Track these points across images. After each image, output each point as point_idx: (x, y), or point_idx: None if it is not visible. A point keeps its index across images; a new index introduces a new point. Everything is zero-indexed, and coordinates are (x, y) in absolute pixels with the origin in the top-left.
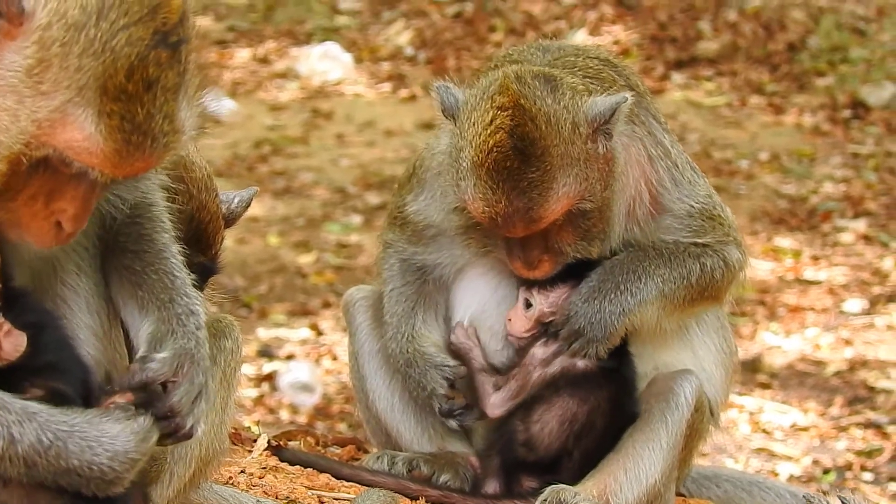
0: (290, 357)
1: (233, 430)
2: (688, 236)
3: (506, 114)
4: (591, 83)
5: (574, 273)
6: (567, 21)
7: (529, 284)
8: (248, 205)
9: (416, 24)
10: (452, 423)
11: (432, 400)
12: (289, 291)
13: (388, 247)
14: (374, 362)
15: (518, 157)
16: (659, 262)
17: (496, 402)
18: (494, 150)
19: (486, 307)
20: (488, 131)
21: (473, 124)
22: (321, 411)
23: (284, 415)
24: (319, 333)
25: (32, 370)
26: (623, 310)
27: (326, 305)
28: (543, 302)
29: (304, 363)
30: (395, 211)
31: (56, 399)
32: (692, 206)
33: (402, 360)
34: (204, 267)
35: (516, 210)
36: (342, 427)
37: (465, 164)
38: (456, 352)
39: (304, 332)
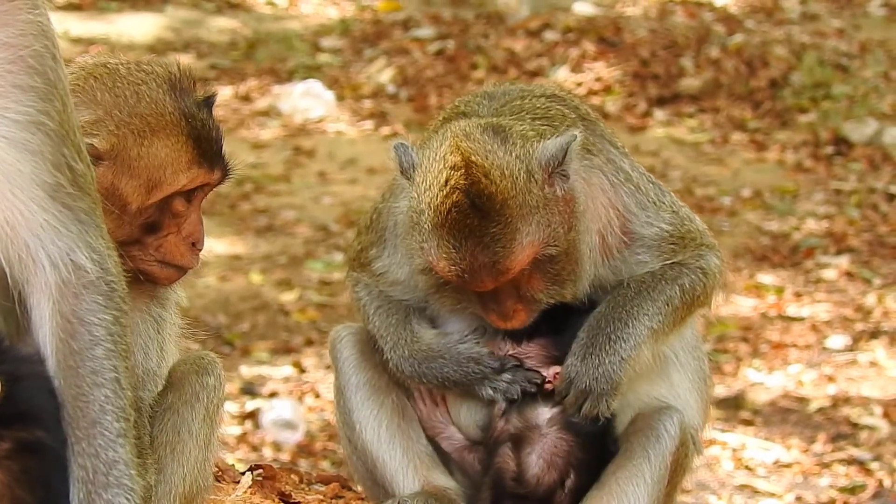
0: (272, 394)
1: (216, 468)
2: (663, 260)
3: (459, 173)
4: (541, 124)
5: (551, 322)
6: (549, 58)
7: (510, 337)
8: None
9: (398, 61)
10: (505, 384)
11: (479, 367)
12: (271, 329)
13: (356, 283)
14: (360, 394)
15: (477, 214)
16: (640, 299)
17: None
18: (453, 210)
19: None
20: (444, 192)
21: (430, 186)
22: (304, 449)
23: (268, 452)
24: (302, 371)
25: (4, 420)
26: (622, 357)
27: (309, 343)
28: (514, 348)
29: (287, 401)
30: (358, 255)
31: (27, 450)
32: (662, 229)
33: (417, 360)
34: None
35: (482, 265)
36: (325, 464)
37: (425, 227)
38: (427, 431)
39: (287, 370)
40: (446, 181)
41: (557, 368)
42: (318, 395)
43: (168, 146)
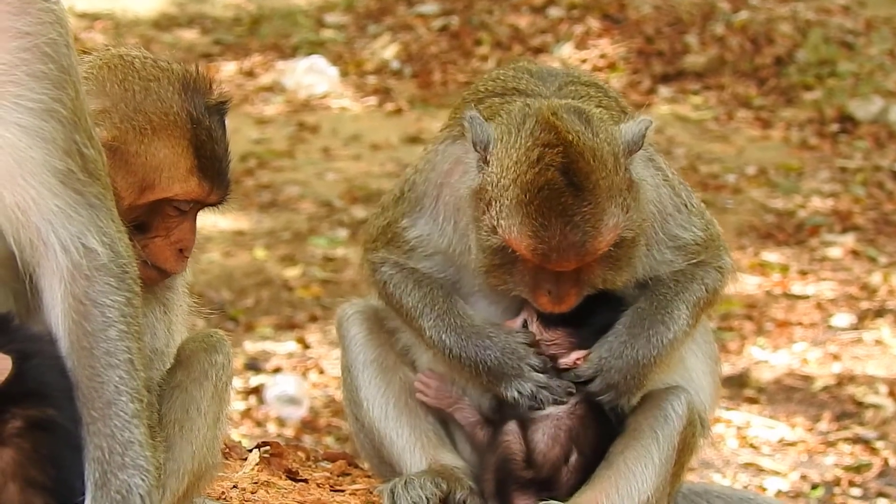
0: (276, 370)
1: (223, 445)
2: (687, 261)
3: (554, 151)
4: (603, 111)
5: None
6: (553, 34)
7: (539, 315)
8: None
9: (402, 37)
10: (536, 387)
11: (519, 363)
12: (275, 305)
13: (382, 262)
14: (367, 372)
15: (571, 192)
16: (677, 301)
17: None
18: (545, 187)
19: None
20: (536, 169)
21: (516, 163)
22: (308, 425)
23: (272, 428)
24: (306, 347)
25: (14, 397)
26: (654, 360)
27: (313, 319)
28: (541, 333)
29: (291, 376)
30: (385, 231)
31: (39, 428)
32: (695, 234)
33: (462, 335)
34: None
35: (571, 245)
36: (329, 440)
37: (506, 203)
38: (441, 404)
39: (291, 346)
40: (538, 158)
41: (578, 354)
42: (322, 371)
43: (168, 148)
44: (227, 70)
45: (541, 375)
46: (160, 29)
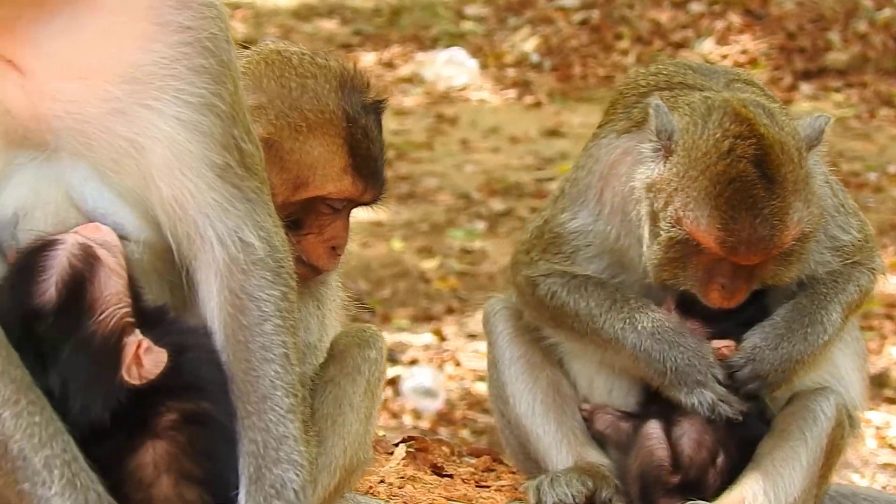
0: (413, 362)
1: None
2: (842, 262)
3: (747, 143)
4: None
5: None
6: (694, 30)
7: (683, 306)
8: None
9: (542, 30)
10: (716, 398)
11: (704, 372)
12: (412, 296)
13: (547, 275)
14: (514, 368)
15: (763, 185)
16: (832, 300)
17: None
18: (737, 179)
19: None
20: (727, 161)
21: (705, 154)
22: (444, 417)
23: (408, 420)
24: (442, 339)
25: (170, 390)
26: (807, 358)
27: (450, 311)
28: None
29: (428, 368)
30: (542, 230)
31: (194, 421)
32: (853, 236)
33: (655, 335)
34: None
35: (759, 238)
36: (465, 433)
37: (694, 194)
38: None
39: (428, 338)
40: (730, 149)
41: (720, 343)
42: (458, 364)
43: (322, 146)
44: (366, 61)
45: (722, 389)
46: (300, 19)
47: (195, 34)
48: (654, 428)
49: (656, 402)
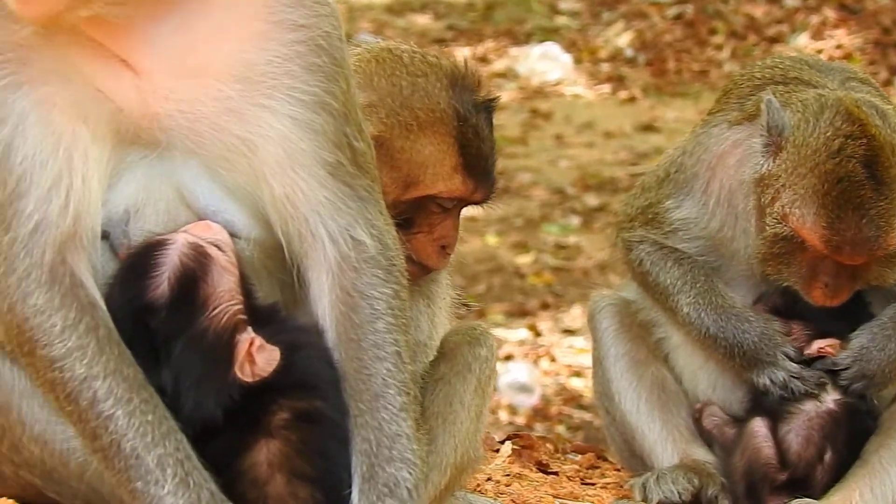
0: (508, 357)
1: None
2: None
3: (857, 143)
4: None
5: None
6: (789, 24)
7: (785, 303)
8: None
9: (636, 25)
10: (789, 376)
11: (775, 350)
12: (507, 292)
13: (640, 241)
14: (619, 365)
15: (871, 186)
16: None
17: None
18: (846, 179)
19: None
20: (837, 160)
21: (815, 153)
22: (540, 412)
23: (503, 415)
24: (538, 334)
25: (282, 388)
26: None
27: (545, 307)
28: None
29: (523, 364)
30: (645, 210)
31: (306, 420)
32: None
33: (722, 315)
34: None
35: (865, 238)
36: (561, 429)
37: (801, 191)
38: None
39: (523, 333)
40: (840, 149)
41: (821, 343)
42: (553, 359)
43: (433, 145)
44: (460, 56)
45: (794, 365)
46: (393, 14)
47: (309, 32)
48: (759, 425)
49: (762, 399)
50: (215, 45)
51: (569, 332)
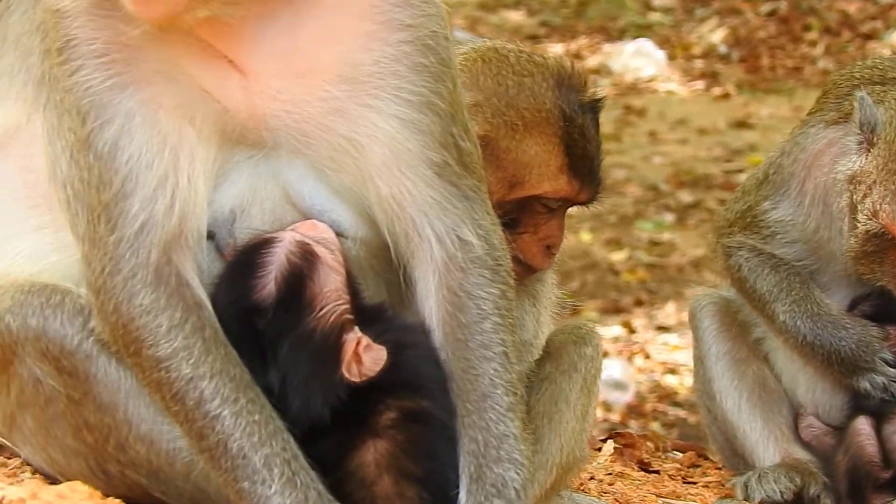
0: (602, 354)
1: None
2: None
3: None
4: None
5: None
6: (883, 21)
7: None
8: None
9: (730, 21)
10: (888, 380)
11: (873, 356)
12: (601, 288)
13: (739, 247)
14: (720, 364)
15: None
16: None
17: None
18: None
19: None
20: None
21: None
22: (634, 409)
23: (598, 412)
24: (632, 331)
25: (389, 388)
26: None
27: (638, 303)
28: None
29: (617, 361)
30: (744, 214)
31: (413, 419)
32: None
33: (819, 322)
34: None
35: None
36: (655, 426)
37: (892, 187)
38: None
39: (617, 330)
40: None
41: None
42: (647, 356)
43: (539, 146)
44: (553, 52)
45: (894, 370)
46: (486, 10)
47: (416, 32)
48: (863, 424)
49: (864, 401)
50: (322, 45)
51: (663, 328)
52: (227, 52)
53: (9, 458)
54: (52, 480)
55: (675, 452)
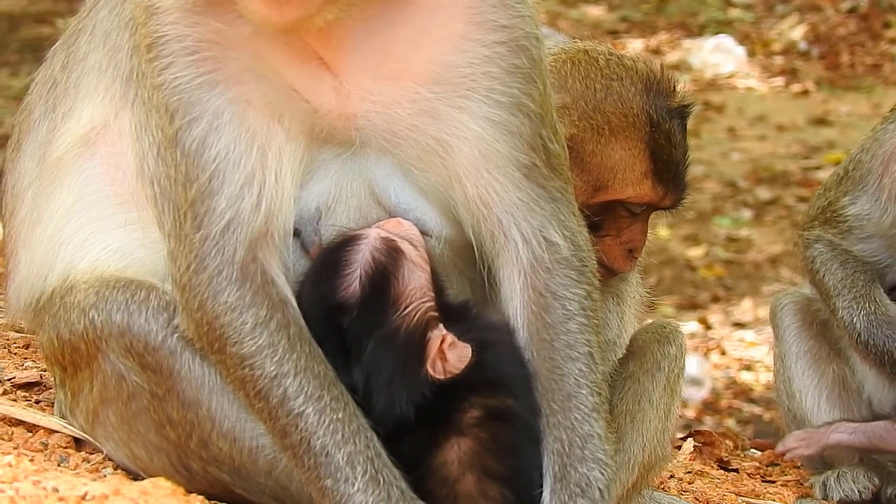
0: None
1: None
2: None
3: None
4: None
5: None
6: None
7: None
8: None
9: (810, 18)
10: None
11: None
12: (678, 284)
13: (817, 240)
14: (801, 363)
15: None
16: None
17: None
18: None
19: None
20: None
21: None
22: (709, 406)
23: None
24: (708, 327)
25: (473, 386)
26: None
27: (715, 299)
28: None
29: (693, 357)
30: (825, 210)
31: (496, 418)
32: None
33: (874, 322)
34: None
35: None
36: (730, 422)
37: None
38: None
39: (693, 326)
40: None
41: None
42: (723, 353)
43: (624, 150)
44: (633, 47)
45: None
46: (567, 5)
47: (510, 33)
48: None
49: None
50: (415, 47)
51: (739, 325)
52: (323, 53)
53: (91, 454)
54: (135, 476)
55: (753, 451)
